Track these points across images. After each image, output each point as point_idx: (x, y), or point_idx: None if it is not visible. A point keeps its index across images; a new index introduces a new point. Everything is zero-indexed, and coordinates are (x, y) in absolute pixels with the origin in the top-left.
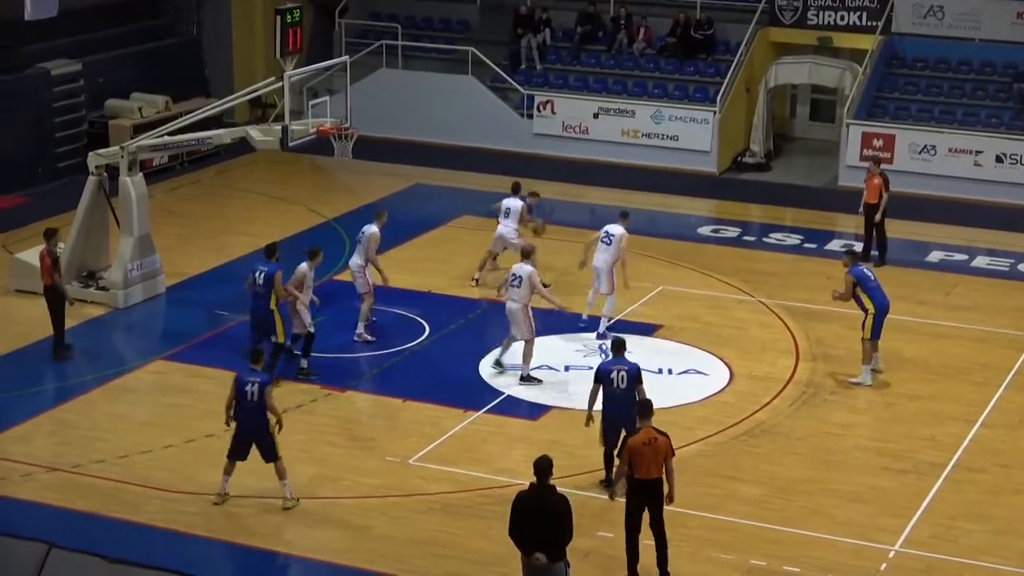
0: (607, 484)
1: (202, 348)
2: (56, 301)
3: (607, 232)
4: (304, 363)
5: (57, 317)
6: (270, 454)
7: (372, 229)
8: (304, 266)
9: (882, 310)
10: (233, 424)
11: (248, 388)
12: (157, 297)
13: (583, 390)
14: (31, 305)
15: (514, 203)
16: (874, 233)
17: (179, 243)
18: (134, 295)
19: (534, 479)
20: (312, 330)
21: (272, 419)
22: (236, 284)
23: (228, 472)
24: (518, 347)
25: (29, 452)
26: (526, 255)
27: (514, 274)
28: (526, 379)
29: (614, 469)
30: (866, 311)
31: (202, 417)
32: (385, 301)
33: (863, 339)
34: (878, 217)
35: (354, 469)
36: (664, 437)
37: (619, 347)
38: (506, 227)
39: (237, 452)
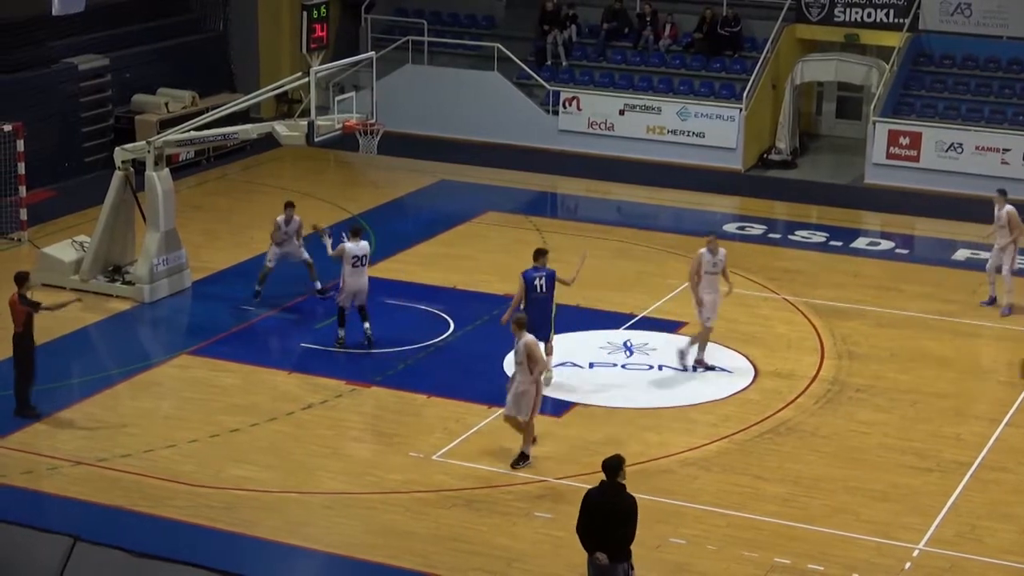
0: None
1: (227, 343)
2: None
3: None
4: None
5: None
6: (547, 335)
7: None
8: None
9: None
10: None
11: (537, 282)
12: (183, 292)
13: (607, 388)
14: (57, 299)
15: None
16: None
17: (205, 238)
18: (160, 290)
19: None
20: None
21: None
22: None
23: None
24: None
25: (55, 446)
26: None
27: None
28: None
29: None
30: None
31: (227, 411)
32: (409, 297)
33: None
34: None
35: (378, 464)
36: None
37: None
38: None
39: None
